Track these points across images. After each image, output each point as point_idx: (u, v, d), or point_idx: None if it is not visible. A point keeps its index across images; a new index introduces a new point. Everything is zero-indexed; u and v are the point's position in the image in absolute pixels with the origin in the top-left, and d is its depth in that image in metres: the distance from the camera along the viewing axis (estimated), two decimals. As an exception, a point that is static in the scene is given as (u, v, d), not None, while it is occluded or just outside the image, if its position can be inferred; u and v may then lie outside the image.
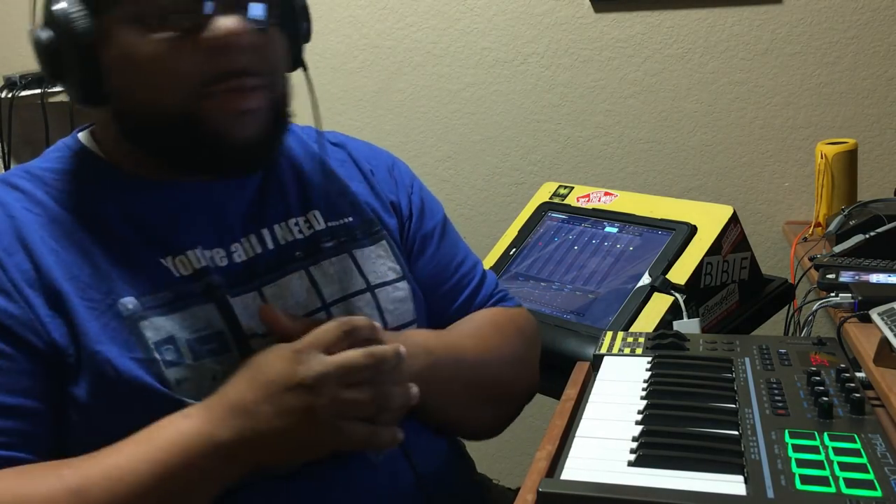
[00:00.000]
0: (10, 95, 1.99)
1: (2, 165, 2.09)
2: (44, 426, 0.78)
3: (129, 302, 0.81)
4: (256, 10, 0.82)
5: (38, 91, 1.99)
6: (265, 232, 0.91)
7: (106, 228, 0.84)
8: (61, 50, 0.81)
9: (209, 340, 0.82)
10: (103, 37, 0.80)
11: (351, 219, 0.97)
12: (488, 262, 1.37)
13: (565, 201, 1.42)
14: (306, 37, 0.93)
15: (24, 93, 2.00)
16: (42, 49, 0.82)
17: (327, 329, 0.79)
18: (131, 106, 0.83)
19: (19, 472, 0.74)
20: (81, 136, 0.93)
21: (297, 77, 0.93)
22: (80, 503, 0.72)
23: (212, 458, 0.75)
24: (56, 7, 0.80)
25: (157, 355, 0.80)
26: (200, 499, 0.77)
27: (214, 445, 0.75)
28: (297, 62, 0.93)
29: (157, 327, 0.81)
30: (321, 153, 1.01)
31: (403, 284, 0.98)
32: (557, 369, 1.07)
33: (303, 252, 0.92)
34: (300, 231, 0.93)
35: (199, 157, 0.85)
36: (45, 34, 0.81)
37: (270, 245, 0.90)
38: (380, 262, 0.96)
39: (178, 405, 0.79)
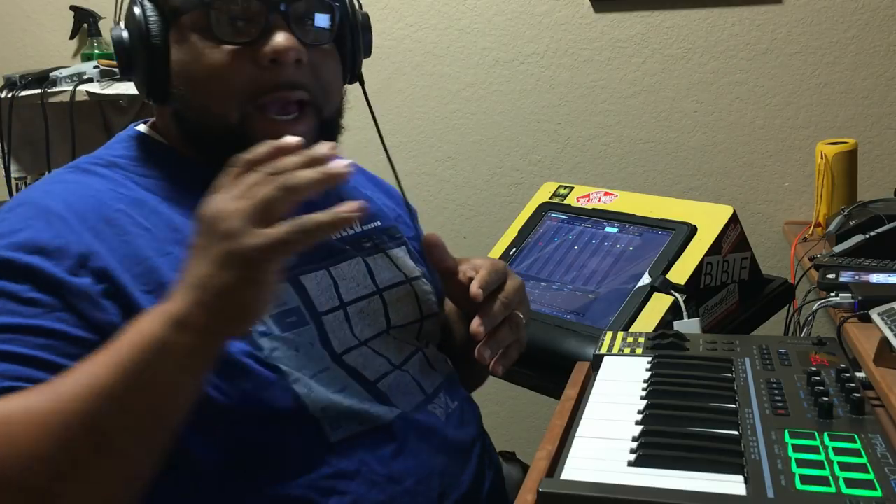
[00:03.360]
0: (10, 95, 1.99)
1: (2, 165, 2.09)
2: None
3: None
4: (312, 30, 0.89)
5: (38, 91, 1.99)
6: None
7: (184, 207, 0.87)
8: (134, 49, 0.88)
9: (289, 315, 0.87)
10: (173, 41, 0.87)
11: (378, 223, 1.05)
12: (488, 262, 1.37)
13: (565, 201, 1.42)
14: (366, 51, 0.99)
15: (24, 93, 2.00)
16: (117, 46, 0.89)
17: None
18: (189, 109, 0.88)
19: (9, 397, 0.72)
20: (142, 128, 0.98)
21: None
22: (54, 398, 0.70)
23: (166, 328, 0.70)
24: (134, 9, 0.87)
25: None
26: (174, 381, 0.72)
27: (167, 315, 0.71)
28: (354, 76, 0.99)
29: None
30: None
31: (426, 281, 1.06)
32: (557, 369, 1.07)
33: (351, 247, 0.99)
34: (343, 230, 0.99)
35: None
36: (122, 33, 0.89)
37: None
38: (406, 260, 1.04)
39: (265, 377, 0.82)
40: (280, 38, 0.85)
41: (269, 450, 0.84)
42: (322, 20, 0.91)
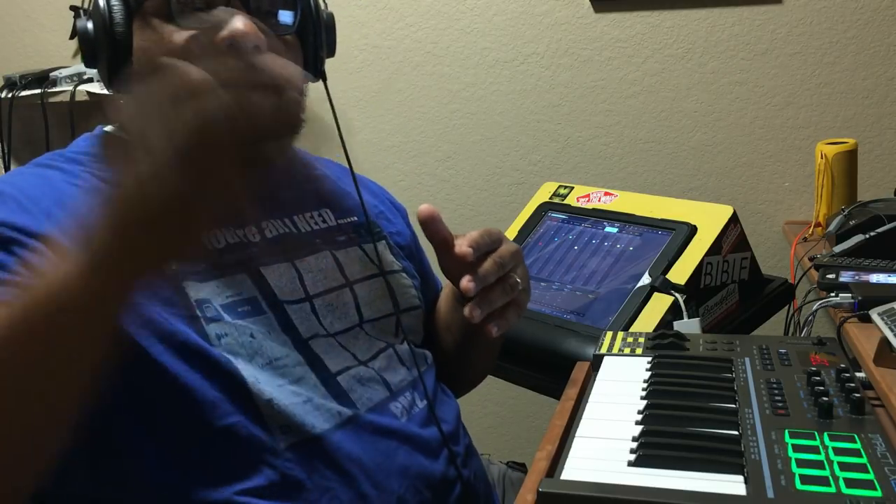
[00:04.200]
0: (10, 95, 1.99)
1: (2, 165, 2.09)
2: None
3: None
4: (272, 20, 0.89)
5: (38, 91, 1.99)
6: (286, 220, 0.97)
7: None
8: (98, 38, 0.87)
9: (243, 304, 0.86)
10: (136, 28, 0.86)
11: (355, 218, 1.04)
12: (488, 262, 1.37)
13: (565, 201, 1.42)
14: (330, 51, 0.99)
15: (24, 93, 2.00)
16: (82, 37, 0.88)
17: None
18: None
19: None
20: (109, 127, 0.95)
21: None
22: None
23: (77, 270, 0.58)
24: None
25: (198, 312, 0.82)
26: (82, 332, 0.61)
27: (82, 230, 0.59)
28: (317, 73, 0.99)
29: (196, 289, 0.84)
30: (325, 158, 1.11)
31: (406, 275, 1.06)
32: (557, 369, 1.07)
33: (321, 241, 0.98)
34: (315, 223, 0.99)
35: None
36: (87, 24, 0.88)
37: (294, 230, 0.97)
38: (385, 254, 1.04)
39: (216, 362, 0.81)
40: (238, 23, 0.83)
41: (213, 454, 0.82)
42: (284, 15, 0.91)
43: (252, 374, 0.83)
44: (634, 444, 0.74)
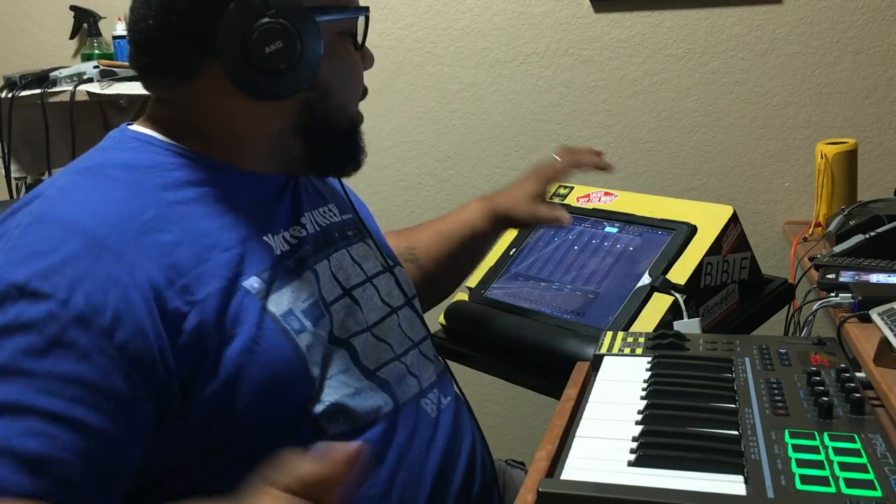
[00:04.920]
0: (10, 95, 1.99)
1: (2, 165, 2.09)
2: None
3: (254, 281, 0.84)
4: None
5: (38, 91, 1.99)
6: (309, 215, 0.98)
7: (206, 209, 0.86)
8: (281, 40, 0.84)
9: (314, 307, 0.88)
10: (325, 44, 0.88)
11: (350, 215, 1.06)
12: (488, 261, 1.37)
13: (565, 201, 1.42)
14: None
15: (24, 93, 2.00)
16: (263, 34, 0.83)
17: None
18: (324, 106, 0.92)
19: None
20: (141, 129, 0.92)
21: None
22: None
23: None
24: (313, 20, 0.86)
25: (286, 325, 0.84)
26: None
27: None
28: None
29: (278, 302, 0.85)
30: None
31: (401, 267, 1.10)
32: (557, 369, 1.07)
33: (338, 235, 1.00)
34: (328, 218, 1.01)
35: (339, 156, 0.96)
36: (271, 23, 0.84)
37: (317, 227, 0.98)
38: (378, 251, 1.06)
39: (306, 376, 0.84)
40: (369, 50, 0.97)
41: (272, 445, 0.83)
42: None
43: (320, 376, 0.86)
44: (634, 444, 0.74)
